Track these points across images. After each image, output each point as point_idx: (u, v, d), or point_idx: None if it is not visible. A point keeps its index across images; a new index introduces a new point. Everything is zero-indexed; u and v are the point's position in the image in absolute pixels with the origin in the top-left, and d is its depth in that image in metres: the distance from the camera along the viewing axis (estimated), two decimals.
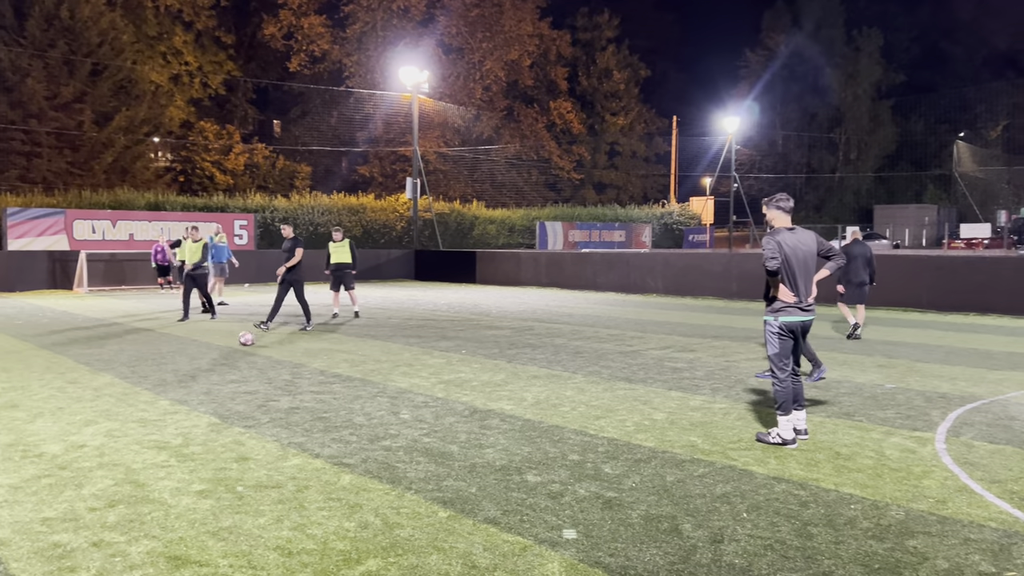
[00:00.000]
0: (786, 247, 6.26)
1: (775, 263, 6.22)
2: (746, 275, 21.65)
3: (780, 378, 6.31)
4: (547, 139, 59.65)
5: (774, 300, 6.39)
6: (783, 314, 6.30)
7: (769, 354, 6.41)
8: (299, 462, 5.82)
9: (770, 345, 6.39)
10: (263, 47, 52.74)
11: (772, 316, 6.36)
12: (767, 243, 6.31)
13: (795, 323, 6.33)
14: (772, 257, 6.23)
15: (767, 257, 6.26)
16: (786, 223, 6.46)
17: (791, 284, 6.29)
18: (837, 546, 4.30)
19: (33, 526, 4.56)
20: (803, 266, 6.29)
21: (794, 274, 6.28)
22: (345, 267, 15.88)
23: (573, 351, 11.55)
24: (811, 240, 6.44)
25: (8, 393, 8.36)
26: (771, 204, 6.57)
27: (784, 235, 6.32)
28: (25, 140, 36.15)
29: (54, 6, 36.03)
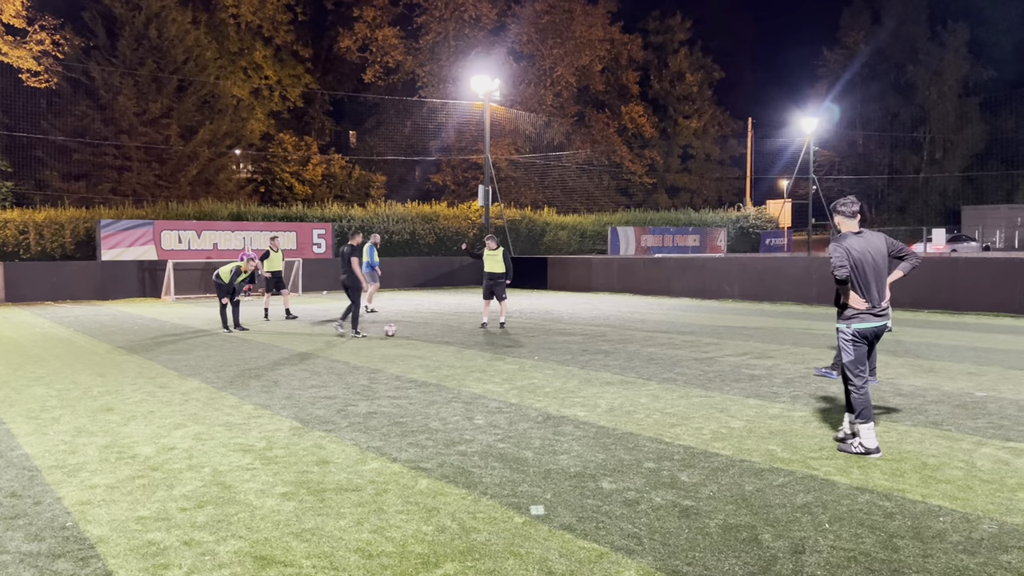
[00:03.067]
0: (854, 252, 6.13)
1: (844, 271, 6.09)
2: (826, 279, 21.07)
3: (857, 385, 6.17)
4: (618, 144, 59.29)
5: (845, 307, 6.24)
6: (856, 321, 6.17)
7: (844, 362, 6.26)
8: (377, 466, 5.94)
9: (844, 353, 6.26)
10: (339, 60, 53.99)
11: (844, 324, 6.24)
12: (834, 250, 6.19)
13: (868, 329, 6.20)
14: (840, 265, 6.10)
15: (835, 265, 6.13)
16: (853, 227, 6.31)
17: (862, 290, 6.15)
18: (925, 559, 4.16)
19: (129, 524, 4.78)
20: (874, 270, 6.17)
21: (866, 279, 6.15)
22: (498, 276, 15.47)
23: (647, 357, 11.45)
24: (880, 242, 6.31)
25: (104, 397, 8.77)
26: (835, 209, 6.42)
27: (851, 240, 6.20)
28: (117, 155, 37.87)
29: (143, 26, 37.68)
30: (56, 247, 26.59)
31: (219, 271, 15.48)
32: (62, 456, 6.30)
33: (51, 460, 6.18)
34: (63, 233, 26.68)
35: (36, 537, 4.59)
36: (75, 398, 8.70)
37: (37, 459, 6.21)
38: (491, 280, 15.50)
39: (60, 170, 37.60)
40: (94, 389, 9.24)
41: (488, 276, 15.53)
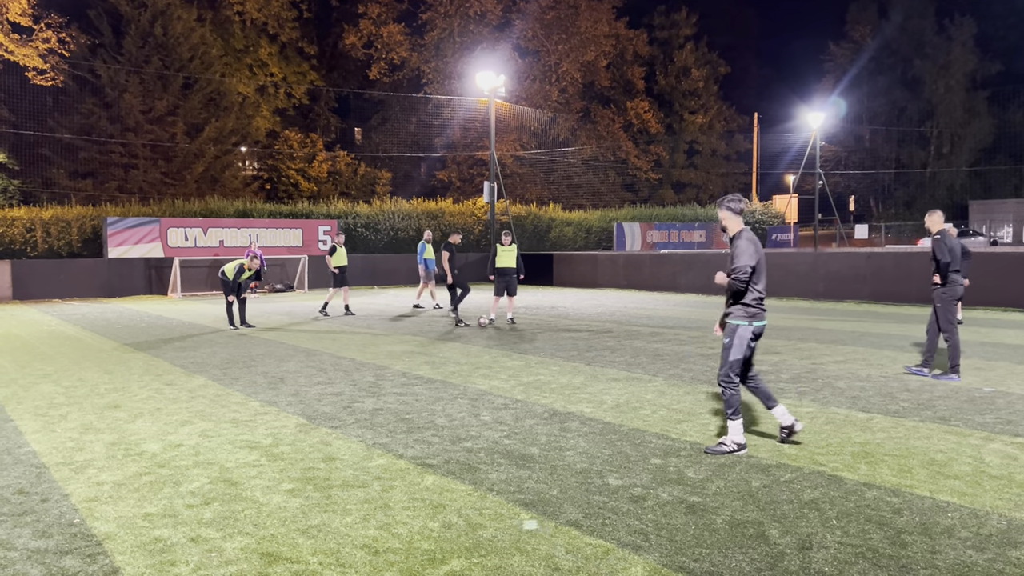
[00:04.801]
0: (757, 248, 6.02)
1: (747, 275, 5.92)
2: (833, 275, 21.04)
3: (736, 383, 6.04)
4: (624, 139, 59.18)
5: (742, 304, 6.02)
6: (757, 319, 6.04)
7: (732, 359, 6.02)
8: (384, 462, 5.95)
9: (736, 350, 6.03)
10: (344, 57, 53.99)
11: (746, 321, 6.03)
12: (746, 247, 5.97)
13: (763, 327, 6.11)
14: (749, 268, 5.92)
15: (745, 264, 5.91)
16: (739, 225, 6.12)
17: (758, 286, 6.03)
18: (933, 555, 4.14)
19: (136, 521, 4.79)
20: (762, 270, 6.05)
21: (763, 276, 6.05)
22: (511, 271, 15.38)
23: (653, 353, 11.43)
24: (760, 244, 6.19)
25: (111, 394, 8.79)
26: (722, 205, 6.18)
27: (752, 236, 6.08)
28: (123, 153, 37.95)
29: (149, 23, 37.73)
30: (63, 245, 26.67)
31: (224, 268, 15.53)
32: (69, 453, 6.31)
33: (58, 457, 6.20)
34: (70, 231, 26.76)
35: (43, 534, 4.60)
36: (82, 395, 8.72)
37: (44, 456, 6.23)
38: (504, 276, 15.39)
39: (67, 168, 37.71)
40: (101, 386, 9.27)
41: (501, 272, 15.42)
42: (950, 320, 9.16)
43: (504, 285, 15.41)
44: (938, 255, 9.13)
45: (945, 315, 9.17)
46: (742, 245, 5.98)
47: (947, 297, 9.14)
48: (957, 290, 9.18)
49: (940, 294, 9.19)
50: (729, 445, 6.03)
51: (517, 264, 15.37)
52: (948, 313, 9.15)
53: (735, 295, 6.07)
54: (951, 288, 9.12)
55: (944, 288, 9.15)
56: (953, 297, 9.17)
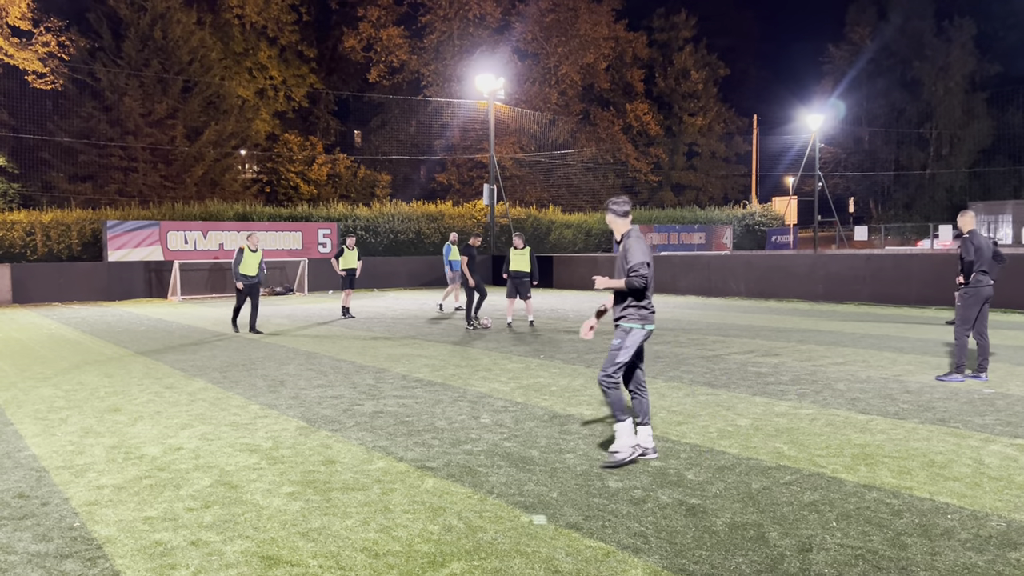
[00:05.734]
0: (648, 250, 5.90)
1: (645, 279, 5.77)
2: (832, 276, 21.05)
3: (619, 383, 5.86)
4: (624, 142, 59.21)
5: (633, 306, 5.89)
6: (648, 322, 5.93)
7: (619, 361, 5.83)
8: (384, 465, 5.95)
9: (625, 352, 5.85)
10: (344, 59, 54.03)
11: (640, 324, 5.89)
12: (637, 244, 5.84)
13: (652, 330, 6.00)
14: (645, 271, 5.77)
15: (642, 260, 5.76)
16: (627, 226, 6.01)
17: (650, 289, 5.91)
18: (933, 557, 4.14)
19: (136, 525, 4.79)
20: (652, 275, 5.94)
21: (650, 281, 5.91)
22: (524, 275, 15.43)
23: (652, 355, 11.44)
24: None
25: (111, 397, 8.79)
26: (607, 207, 6.09)
27: (640, 236, 5.98)
28: (123, 156, 37.97)
29: (148, 27, 37.77)
30: (63, 248, 26.68)
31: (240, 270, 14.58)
32: (69, 457, 6.32)
33: (58, 461, 6.20)
34: (70, 234, 26.76)
35: (44, 538, 4.61)
36: (82, 399, 8.73)
37: (45, 460, 6.23)
38: (517, 279, 15.38)
39: (66, 171, 37.74)
40: (101, 390, 9.27)
41: (513, 275, 15.40)
42: (966, 319, 9.07)
43: (515, 288, 15.43)
44: (963, 253, 9.07)
45: (962, 314, 9.09)
46: (633, 244, 5.85)
47: (968, 297, 9.03)
48: (982, 291, 8.99)
49: (963, 293, 9.09)
50: (624, 451, 5.81)
51: (532, 268, 15.40)
52: (967, 312, 9.05)
53: (631, 295, 5.89)
54: (975, 288, 8.98)
55: (968, 288, 9.04)
56: (977, 298, 9.00)
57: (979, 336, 9.20)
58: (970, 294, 9.04)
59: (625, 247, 5.90)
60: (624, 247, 5.91)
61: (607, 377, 5.82)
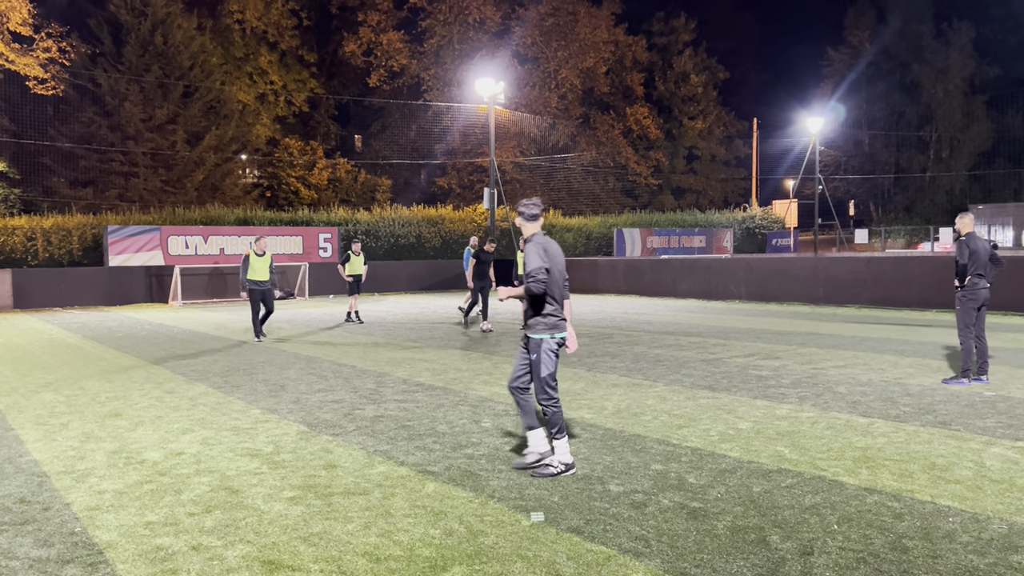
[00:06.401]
0: (550, 255, 5.71)
1: (542, 285, 5.58)
2: (833, 279, 21.05)
3: (556, 399, 5.72)
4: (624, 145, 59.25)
5: (539, 315, 5.72)
6: (558, 330, 5.75)
7: (543, 375, 5.67)
8: (385, 470, 5.95)
9: (544, 366, 5.68)
10: (344, 64, 54.10)
11: (548, 334, 5.72)
12: (533, 249, 5.65)
13: (564, 339, 5.83)
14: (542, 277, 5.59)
15: (538, 266, 5.57)
16: (533, 230, 5.84)
17: (556, 297, 5.73)
18: (935, 560, 4.14)
19: (137, 530, 4.79)
20: (561, 275, 5.83)
21: (559, 285, 5.76)
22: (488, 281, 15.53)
23: (653, 359, 11.43)
24: (560, 250, 5.95)
25: (112, 402, 8.79)
26: (517, 210, 5.91)
27: (545, 241, 5.78)
28: (123, 161, 37.99)
29: (149, 32, 37.82)
30: (64, 253, 26.69)
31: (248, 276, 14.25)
32: (70, 462, 6.32)
33: (60, 466, 6.20)
34: (70, 239, 26.78)
35: (45, 543, 4.61)
36: (83, 404, 8.73)
37: (46, 465, 6.23)
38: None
39: (67, 177, 37.76)
40: (102, 395, 9.27)
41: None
42: (967, 323, 9.04)
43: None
44: (957, 257, 9.04)
45: (962, 318, 9.07)
46: (529, 249, 5.70)
47: (965, 300, 9.01)
48: (979, 294, 8.98)
49: (960, 296, 9.08)
50: (557, 467, 5.68)
51: None
52: (966, 316, 9.03)
53: (533, 304, 5.73)
54: (971, 291, 8.97)
55: (963, 291, 9.02)
56: (974, 301, 8.99)
57: (977, 339, 9.18)
58: (967, 297, 9.02)
59: (524, 253, 5.74)
60: (524, 252, 5.77)
61: (541, 395, 5.70)
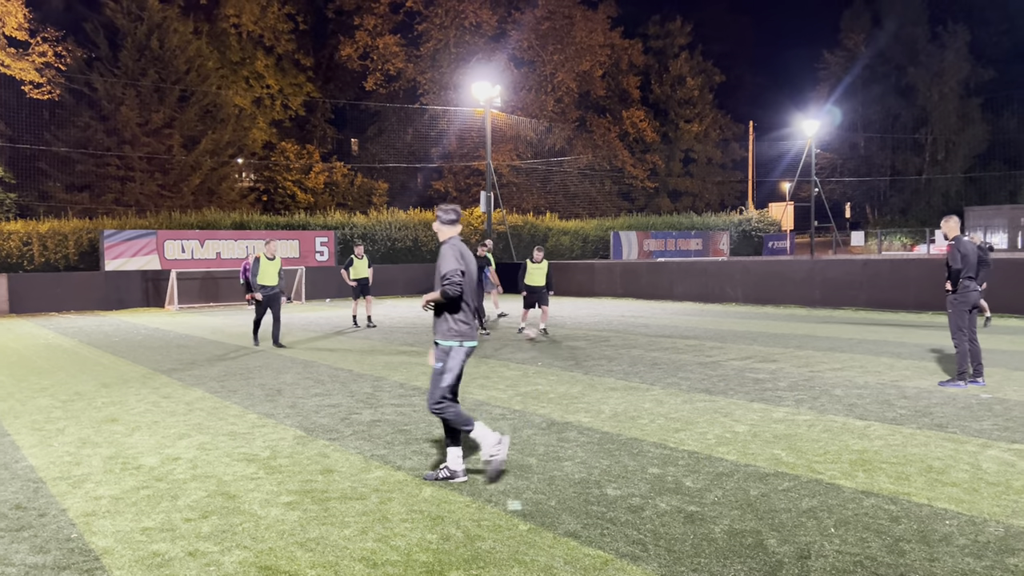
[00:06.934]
0: (466, 260, 5.59)
1: (458, 287, 5.44)
2: (830, 282, 21.08)
3: (454, 403, 5.64)
4: (620, 148, 59.34)
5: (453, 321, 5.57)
6: (467, 339, 5.63)
7: (448, 383, 5.57)
8: (382, 474, 5.94)
9: (450, 375, 5.57)
10: (340, 68, 54.12)
11: (457, 341, 5.59)
12: (448, 252, 5.52)
13: (473, 348, 5.69)
14: (457, 280, 5.44)
15: (451, 276, 5.42)
16: (450, 234, 5.71)
17: (469, 303, 5.60)
18: (931, 563, 4.15)
19: (133, 535, 4.78)
20: (472, 285, 5.67)
21: (473, 291, 5.62)
22: (541, 289, 15.38)
23: (650, 362, 11.44)
24: (475, 260, 5.84)
25: (108, 407, 8.78)
26: (436, 215, 5.84)
27: (462, 246, 5.65)
28: (120, 165, 37.96)
29: (145, 37, 37.81)
30: (60, 258, 26.66)
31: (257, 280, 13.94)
32: (67, 467, 6.30)
33: (56, 471, 6.19)
34: (66, 244, 26.75)
35: (41, 549, 4.59)
36: (79, 409, 8.71)
37: (42, 470, 6.22)
38: (535, 293, 15.34)
39: (63, 181, 37.72)
40: (98, 400, 9.26)
41: (531, 290, 15.35)
42: (960, 327, 9.04)
43: (535, 300, 15.39)
44: (950, 261, 9.05)
45: (955, 322, 9.07)
46: (444, 251, 5.59)
47: (958, 303, 9.03)
48: (970, 297, 8.99)
49: (952, 300, 9.09)
50: (500, 452, 5.64)
51: (548, 280, 15.39)
52: (959, 320, 9.04)
53: (447, 308, 5.59)
54: (963, 295, 8.98)
55: (955, 295, 9.04)
56: (965, 304, 9.01)
57: (970, 342, 9.19)
58: (959, 300, 9.04)
59: (439, 256, 5.66)
60: (440, 254, 5.67)
61: (436, 404, 5.58)
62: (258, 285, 14.01)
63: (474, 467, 6.06)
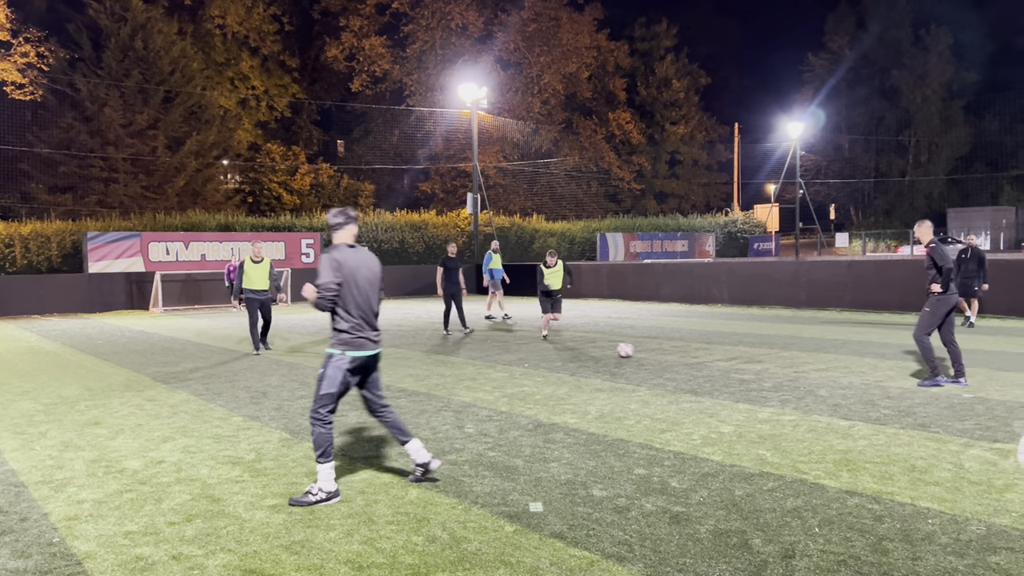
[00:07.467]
0: (346, 267, 5.37)
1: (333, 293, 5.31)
2: (815, 283, 21.20)
3: (325, 420, 5.37)
4: (606, 150, 59.50)
5: (338, 329, 5.40)
6: (353, 348, 5.38)
7: (322, 392, 5.36)
8: (367, 476, 5.92)
9: (328, 383, 5.35)
10: (326, 69, 53.99)
11: (340, 349, 5.38)
12: (326, 262, 5.36)
13: (368, 357, 5.48)
14: (331, 287, 5.31)
15: (325, 280, 5.30)
16: (346, 240, 5.52)
17: (354, 310, 5.38)
18: (915, 562, 4.17)
19: (116, 540, 4.74)
20: (370, 289, 5.49)
21: (359, 298, 5.39)
22: (558, 292, 15.13)
23: (636, 363, 11.47)
24: (375, 264, 5.61)
25: (92, 411, 8.71)
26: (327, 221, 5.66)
27: (344, 252, 5.42)
28: (103, 167, 37.71)
29: (129, 37, 37.58)
30: (42, 260, 26.43)
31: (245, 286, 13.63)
32: (49, 471, 6.25)
33: (38, 475, 6.13)
34: (49, 246, 26.53)
35: (22, 554, 4.55)
36: (62, 412, 8.64)
37: (23, 474, 6.16)
38: (552, 296, 15.02)
39: (46, 183, 37.42)
40: (81, 403, 9.18)
41: (548, 293, 15.02)
42: (930, 326, 8.96)
43: (551, 304, 15.07)
44: (938, 261, 8.85)
45: (928, 320, 8.96)
46: (322, 259, 5.43)
47: (939, 304, 8.89)
48: (951, 299, 8.91)
49: (935, 300, 8.91)
50: (316, 494, 5.32)
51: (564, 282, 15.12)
52: (933, 319, 8.94)
53: (333, 313, 5.46)
54: (948, 295, 8.87)
55: (941, 295, 8.86)
56: (947, 305, 8.90)
57: (949, 344, 9.12)
58: (942, 301, 8.92)
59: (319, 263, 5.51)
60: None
61: (314, 414, 5.41)
62: (246, 291, 13.62)
63: (461, 472, 6.06)
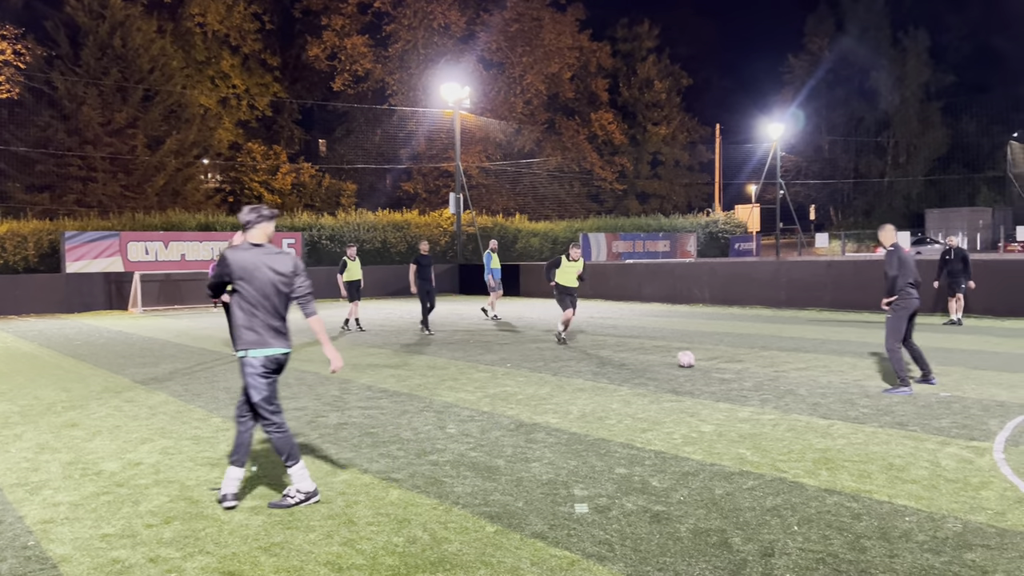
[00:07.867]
0: (238, 265, 5.20)
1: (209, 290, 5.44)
2: (795, 283, 21.35)
3: (278, 423, 5.28)
4: (589, 151, 59.60)
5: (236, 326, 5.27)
6: (256, 347, 5.20)
7: (256, 400, 5.23)
8: (348, 477, 5.90)
9: (253, 390, 5.23)
10: (308, 68, 53.70)
11: (243, 349, 5.21)
12: (220, 261, 5.31)
13: (278, 355, 5.32)
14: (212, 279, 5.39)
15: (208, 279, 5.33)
16: (255, 239, 5.35)
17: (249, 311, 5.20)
18: (892, 560, 4.21)
19: (93, 543, 4.69)
20: (271, 290, 5.24)
21: (256, 297, 5.21)
22: (572, 290, 14.77)
23: (618, 363, 11.49)
24: (287, 264, 5.34)
25: (68, 412, 8.61)
26: None
27: (240, 252, 5.26)
28: (81, 166, 37.31)
29: (107, 35, 37.20)
30: (19, 260, 26.10)
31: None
32: (24, 473, 6.17)
33: (13, 478, 6.05)
34: (26, 246, 26.20)
35: None
36: (38, 414, 8.54)
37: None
38: (569, 294, 14.57)
39: (23, 182, 36.99)
40: (58, 404, 9.08)
41: (563, 289, 14.53)
42: (897, 331, 8.83)
43: (571, 300, 14.59)
44: (885, 267, 8.86)
45: (894, 325, 8.85)
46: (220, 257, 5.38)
47: (899, 309, 8.83)
48: (911, 303, 8.84)
49: (894, 306, 8.86)
50: (295, 496, 5.26)
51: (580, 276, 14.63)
52: (897, 324, 8.83)
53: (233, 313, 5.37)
54: (903, 301, 8.81)
55: (898, 302, 8.82)
56: (905, 310, 8.84)
57: (910, 347, 9.07)
58: (901, 307, 8.83)
59: None
60: None
61: (263, 423, 5.29)
62: None
63: (442, 473, 6.05)
